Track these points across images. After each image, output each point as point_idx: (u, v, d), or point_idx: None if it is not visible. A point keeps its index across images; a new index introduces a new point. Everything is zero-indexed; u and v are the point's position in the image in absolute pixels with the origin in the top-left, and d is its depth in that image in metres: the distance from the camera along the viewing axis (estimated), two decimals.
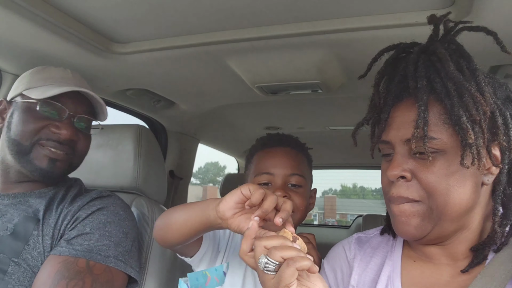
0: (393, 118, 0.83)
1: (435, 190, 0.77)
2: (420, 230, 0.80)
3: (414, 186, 0.80)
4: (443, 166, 0.77)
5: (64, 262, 1.09)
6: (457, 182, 0.77)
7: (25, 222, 1.16)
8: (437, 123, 0.78)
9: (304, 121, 2.53)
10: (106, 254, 1.14)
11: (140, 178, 1.50)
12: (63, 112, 1.20)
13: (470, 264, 0.80)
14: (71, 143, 1.22)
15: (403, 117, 0.81)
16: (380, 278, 0.88)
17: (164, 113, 2.22)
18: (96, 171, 1.52)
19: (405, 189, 0.80)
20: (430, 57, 0.82)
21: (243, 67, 1.50)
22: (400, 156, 0.81)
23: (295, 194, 1.23)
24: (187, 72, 1.61)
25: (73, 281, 1.06)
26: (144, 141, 1.53)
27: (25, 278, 1.09)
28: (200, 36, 1.31)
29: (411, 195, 0.80)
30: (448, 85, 0.77)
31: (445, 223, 0.79)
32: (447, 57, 0.79)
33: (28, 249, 1.13)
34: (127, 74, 1.62)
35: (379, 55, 0.92)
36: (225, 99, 2.00)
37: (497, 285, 0.73)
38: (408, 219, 0.81)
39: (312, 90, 1.69)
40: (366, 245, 0.98)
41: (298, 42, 1.28)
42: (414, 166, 0.80)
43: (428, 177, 0.78)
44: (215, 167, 55.85)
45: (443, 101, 0.77)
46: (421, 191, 0.79)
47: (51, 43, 1.31)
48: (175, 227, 1.09)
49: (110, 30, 1.31)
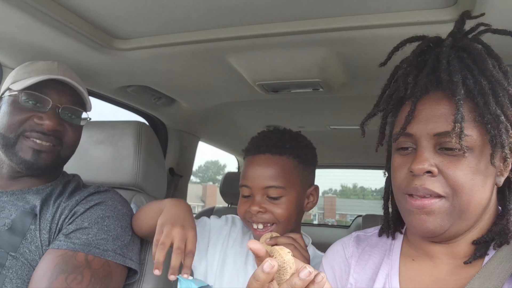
0: (420, 111, 0.80)
1: (462, 187, 0.76)
2: (439, 227, 0.79)
3: (440, 181, 0.78)
4: (471, 163, 0.76)
5: (63, 256, 1.09)
6: (481, 181, 0.77)
7: (23, 217, 1.16)
8: (468, 120, 0.76)
9: (305, 120, 2.53)
10: (104, 248, 1.15)
11: (140, 175, 1.50)
12: (47, 103, 1.19)
13: (473, 256, 0.80)
14: (56, 134, 1.21)
15: (431, 111, 0.79)
16: (378, 276, 0.88)
17: (164, 110, 2.22)
18: (96, 167, 1.52)
19: (430, 182, 0.78)
20: (459, 53, 0.81)
21: (244, 64, 1.50)
22: (426, 151, 0.78)
23: (274, 205, 1.20)
24: (188, 69, 1.61)
25: (72, 275, 1.06)
26: (145, 138, 1.53)
27: (23, 271, 1.10)
28: (201, 33, 1.30)
29: (437, 189, 0.77)
30: (483, 82, 0.76)
31: (463, 222, 0.79)
32: (484, 54, 0.78)
33: (25, 243, 1.13)
34: (128, 70, 1.62)
35: (402, 44, 0.91)
36: (226, 97, 2.00)
37: (495, 283, 0.73)
38: (428, 215, 0.78)
39: (313, 89, 1.69)
40: (365, 244, 0.98)
41: (299, 40, 1.28)
42: (440, 161, 0.78)
43: (455, 173, 0.76)
44: (215, 166, 55.91)
45: (475, 98, 0.76)
46: (446, 187, 0.77)
47: (52, 39, 1.31)
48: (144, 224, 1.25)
49: (111, 26, 1.31)
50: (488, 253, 0.80)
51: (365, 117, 0.91)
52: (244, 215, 1.25)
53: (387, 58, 0.92)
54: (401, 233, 0.94)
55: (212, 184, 40.21)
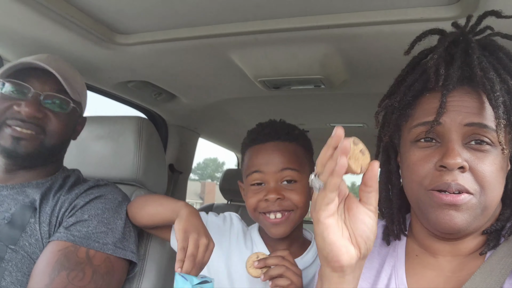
0: (448, 102, 0.77)
1: (489, 184, 0.75)
2: (466, 223, 0.76)
3: (469, 178, 0.75)
4: (496, 160, 0.76)
5: (64, 251, 1.09)
6: (502, 178, 0.77)
7: (22, 211, 1.16)
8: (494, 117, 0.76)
9: (305, 117, 2.53)
10: (104, 242, 1.15)
11: (141, 170, 1.50)
12: (27, 90, 1.19)
13: (487, 246, 0.79)
14: (37, 122, 1.19)
15: (461, 102, 0.77)
16: (384, 267, 0.88)
17: (165, 106, 2.22)
18: (97, 163, 1.52)
19: (462, 178, 0.75)
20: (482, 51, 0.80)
21: (246, 60, 1.50)
22: (457, 144, 0.76)
23: (290, 192, 1.18)
24: (189, 65, 1.60)
25: (73, 272, 1.06)
26: (145, 134, 1.53)
27: (23, 264, 1.10)
28: (203, 29, 1.30)
29: (467, 185, 0.74)
30: (509, 82, 0.76)
31: (484, 218, 0.78)
32: (510, 54, 0.78)
33: (25, 237, 1.13)
34: (129, 65, 1.62)
35: (425, 35, 0.89)
36: (227, 93, 1.99)
37: (496, 279, 0.73)
38: (457, 211, 0.75)
39: (314, 86, 1.68)
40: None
41: (301, 36, 1.28)
42: (468, 157, 0.75)
43: (484, 169, 0.75)
44: (214, 163, 55.91)
45: (503, 97, 0.75)
46: (475, 184, 0.75)
47: (53, 32, 1.30)
48: (145, 214, 1.29)
49: (113, 20, 1.31)
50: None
51: (381, 108, 0.88)
52: (256, 206, 1.21)
53: (410, 47, 0.89)
54: (404, 235, 0.94)
55: (210, 182, 40.22)
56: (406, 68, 0.89)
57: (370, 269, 0.91)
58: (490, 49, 0.80)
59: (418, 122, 0.81)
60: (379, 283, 0.87)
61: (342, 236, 0.64)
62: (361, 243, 0.65)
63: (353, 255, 0.65)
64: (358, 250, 0.65)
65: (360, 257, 0.65)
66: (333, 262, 0.64)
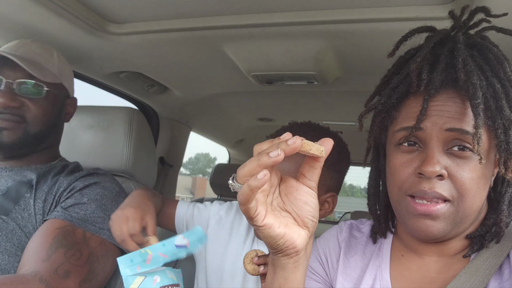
0: (430, 107, 0.76)
1: (468, 192, 0.74)
2: (442, 231, 0.76)
3: (447, 184, 0.74)
4: (477, 167, 0.74)
5: (62, 229, 1.10)
6: (483, 184, 0.75)
7: (18, 186, 1.18)
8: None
9: (297, 113, 2.52)
10: (100, 226, 1.17)
11: (130, 161, 1.49)
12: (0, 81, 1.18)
13: (471, 249, 0.79)
14: (14, 111, 1.19)
15: (443, 107, 0.75)
16: (369, 267, 0.88)
17: (157, 98, 2.20)
18: (86, 152, 1.51)
19: (440, 186, 0.74)
20: (471, 51, 0.78)
21: (239, 54, 1.49)
22: (436, 151, 0.75)
23: None
24: (182, 57, 1.59)
25: (71, 251, 1.07)
26: (136, 125, 1.52)
27: (13, 236, 1.11)
28: (197, 20, 1.29)
29: (445, 193, 0.74)
30: (496, 85, 0.73)
31: (463, 225, 0.78)
32: (501, 57, 0.75)
33: (18, 209, 1.15)
34: (121, 55, 1.60)
35: (411, 34, 0.87)
36: (219, 87, 1.98)
37: (480, 280, 0.73)
38: (433, 220, 0.75)
39: (307, 82, 1.68)
40: (358, 233, 0.98)
41: (296, 31, 1.27)
42: (449, 164, 0.74)
43: (463, 177, 0.73)
44: (205, 158, 55.80)
45: (488, 102, 0.72)
46: (453, 191, 0.74)
47: (45, 19, 1.28)
48: None
49: (105, 9, 1.29)
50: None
51: (365, 110, 0.87)
52: None
53: (395, 48, 0.88)
54: (391, 232, 0.94)
55: (202, 177, 40.12)
56: (391, 68, 0.87)
57: (354, 269, 0.91)
58: (479, 48, 0.78)
59: (400, 126, 0.80)
60: (363, 283, 0.87)
61: (288, 225, 0.63)
62: (308, 223, 0.64)
63: (304, 236, 0.64)
64: (307, 230, 0.64)
65: (309, 236, 0.65)
66: (289, 249, 0.63)
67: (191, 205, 1.43)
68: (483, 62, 0.76)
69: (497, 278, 0.73)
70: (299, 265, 0.66)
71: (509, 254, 0.74)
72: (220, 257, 1.33)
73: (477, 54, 0.77)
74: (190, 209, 1.41)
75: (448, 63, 0.77)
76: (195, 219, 1.39)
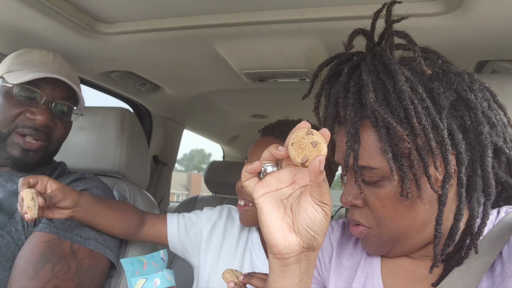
0: (338, 141, 0.79)
1: (384, 218, 0.76)
2: (379, 251, 0.81)
3: (366, 212, 0.78)
4: (389, 193, 0.74)
5: (49, 243, 1.09)
6: (406, 207, 0.74)
7: (11, 197, 1.16)
8: (376, 152, 0.73)
9: (290, 110, 2.52)
10: (86, 236, 1.15)
11: (123, 162, 1.48)
12: (40, 98, 1.18)
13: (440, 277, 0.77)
14: (47, 129, 1.20)
15: (343, 142, 0.76)
16: (360, 266, 0.89)
17: (149, 97, 2.19)
18: (78, 154, 1.49)
19: (357, 213, 0.80)
20: (359, 77, 0.76)
21: (231, 52, 1.48)
22: (350, 182, 0.78)
23: None
24: (173, 56, 1.58)
25: (58, 266, 1.06)
26: (128, 125, 1.51)
27: (8, 250, 1.09)
28: (188, 19, 1.28)
29: (362, 220, 0.79)
30: (376, 114, 0.71)
31: (405, 242, 0.79)
32: (369, 85, 0.72)
33: (12, 222, 1.13)
34: (112, 55, 1.59)
35: (327, 63, 0.86)
36: (212, 85, 1.97)
37: (473, 277, 0.73)
38: (364, 241, 0.82)
39: (300, 79, 1.68)
40: (350, 232, 0.98)
41: (287, 29, 1.26)
42: (364, 191, 0.77)
43: (376, 204, 0.75)
44: (200, 154, 55.72)
45: (380, 129, 0.72)
46: (370, 218, 0.78)
47: (33, 20, 1.27)
48: None
49: (95, 9, 1.27)
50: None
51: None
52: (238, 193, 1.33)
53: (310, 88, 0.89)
54: None
55: (197, 173, 40.06)
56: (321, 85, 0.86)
57: (346, 268, 0.91)
58: (363, 80, 0.74)
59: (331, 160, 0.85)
60: (354, 282, 0.87)
61: (281, 220, 0.63)
62: (301, 231, 0.62)
63: (292, 242, 0.62)
64: (299, 238, 0.62)
65: (304, 246, 0.63)
66: (272, 246, 0.63)
67: (180, 216, 1.41)
68: (364, 91, 0.73)
69: (489, 276, 0.73)
70: (287, 272, 0.64)
71: (501, 252, 0.74)
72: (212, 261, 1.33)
73: (386, 78, 0.73)
74: (182, 222, 1.40)
75: (357, 91, 0.76)
76: (189, 231, 1.39)
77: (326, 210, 0.61)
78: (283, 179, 0.65)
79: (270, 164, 0.66)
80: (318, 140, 0.59)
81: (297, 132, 0.60)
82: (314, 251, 0.65)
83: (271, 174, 0.65)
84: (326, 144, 0.60)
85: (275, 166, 0.66)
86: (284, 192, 0.65)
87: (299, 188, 0.65)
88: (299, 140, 0.59)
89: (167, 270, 1.04)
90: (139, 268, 1.04)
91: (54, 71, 1.20)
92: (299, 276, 0.65)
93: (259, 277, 1.03)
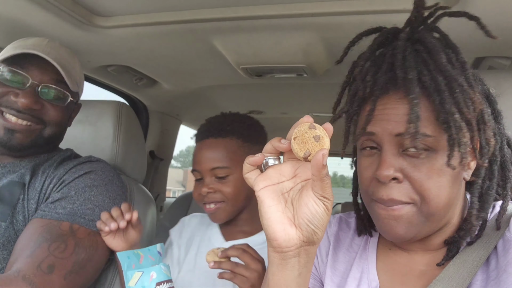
0: (381, 110, 0.76)
1: (429, 192, 0.72)
2: (409, 232, 0.76)
3: (406, 188, 0.74)
4: (435, 165, 0.72)
5: (47, 226, 1.08)
6: (448, 181, 0.73)
7: (11, 187, 1.15)
8: (430, 119, 0.72)
9: (288, 106, 2.52)
10: (90, 218, 1.14)
11: (119, 156, 1.48)
12: (26, 80, 1.16)
13: (445, 257, 0.78)
14: (33, 113, 1.18)
15: (393, 110, 0.74)
16: (356, 260, 0.89)
17: (146, 92, 2.18)
18: (75, 147, 1.48)
19: (397, 191, 0.74)
20: (415, 45, 0.76)
21: (228, 47, 1.48)
22: (390, 154, 0.74)
23: (222, 185, 1.26)
24: (171, 50, 1.57)
25: (55, 243, 1.05)
26: (125, 119, 1.50)
27: (9, 242, 1.09)
28: (185, 13, 1.27)
29: (404, 198, 0.74)
30: (438, 78, 0.71)
31: (432, 224, 0.77)
32: (437, 48, 0.73)
33: (14, 213, 1.12)
34: (109, 49, 1.58)
35: (358, 38, 0.87)
36: (209, 80, 1.97)
37: (468, 271, 0.73)
38: (397, 221, 0.75)
39: (297, 74, 1.68)
40: (346, 227, 0.98)
41: (285, 24, 1.26)
42: (404, 165, 0.73)
43: (421, 177, 0.72)
44: None
45: (431, 96, 0.71)
46: (413, 194, 0.74)
47: (29, 12, 1.26)
48: None
49: (92, 2, 1.27)
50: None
51: (332, 119, 0.85)
52: (198, 198, 1.32)
53: (343, 54, 0.88)
54: (375, 231, 0.93)
55: None
56: (348, 74, 0.87)
57: (342, 262, 0.91)
58: (423, 42, 0.75)
59: (358, 132, 0.81)
60: (350, 276, 0.87)
61: (282, 214, 0.63)
62: (302, 224, 0.62)
63: (292, 235, 0.62)
64: (299, 232, 0.62)
65: (304, 240, 0.63)
66: (271, 240, 0.63)
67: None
68: (427, 56, 0.74)
69: (484, 270, 0.74)
70: (286, 265, 0.64)
71: (496, 246, 0.75)
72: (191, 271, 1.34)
73: (423, 48, 0.75)
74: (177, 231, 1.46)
75: (391, 62, 0.76)
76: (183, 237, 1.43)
77: (327, 204, 0.61)
78: (284, 172, 0.65)
79: (272, 157, 0.66)
80: (320, 134, 0.59)
81: (299, 126, 0.60)
82: (313, 246, 0.65)
83: (272, 167, 0.65)
84: (328, 138, 0.60)
85: (277, 159, 0.66)
86: (286, 185, 0.65)
87: (300, 182, 0.65)
88: (301, 134, 0.60)
89: (163, 264, 1.04)
90: (136, 261, 1.04)
91: (43, 52, 1.17)
92: (298, 270, 0.65)
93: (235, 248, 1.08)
